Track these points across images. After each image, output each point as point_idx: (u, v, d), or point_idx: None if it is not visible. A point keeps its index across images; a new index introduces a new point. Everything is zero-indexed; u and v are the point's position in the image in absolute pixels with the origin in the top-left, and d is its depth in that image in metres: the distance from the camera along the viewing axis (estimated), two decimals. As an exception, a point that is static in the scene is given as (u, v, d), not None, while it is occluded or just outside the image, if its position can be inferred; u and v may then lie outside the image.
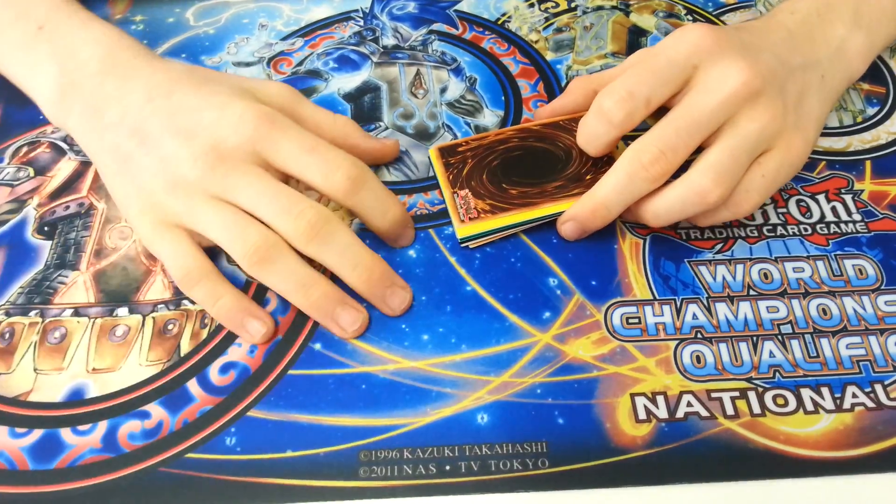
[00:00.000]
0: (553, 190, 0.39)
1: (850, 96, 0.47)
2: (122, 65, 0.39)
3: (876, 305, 0.36)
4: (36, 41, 0.41)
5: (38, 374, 0.35)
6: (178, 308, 0.37)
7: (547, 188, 0.39)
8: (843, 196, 0.41)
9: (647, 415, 0.33)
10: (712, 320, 0.36)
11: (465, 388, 0.34)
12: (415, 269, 0.38)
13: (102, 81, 0.39)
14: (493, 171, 0.40)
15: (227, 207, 0.35)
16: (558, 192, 0.39)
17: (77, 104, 0.39)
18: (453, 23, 0.51)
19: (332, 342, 0.36)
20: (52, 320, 0.37)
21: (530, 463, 0.32)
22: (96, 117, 0.38)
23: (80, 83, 0.39)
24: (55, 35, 0.40)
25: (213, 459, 0.32)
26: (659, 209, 0.36)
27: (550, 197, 0.39)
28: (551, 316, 0.36)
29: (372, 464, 0.32)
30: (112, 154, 0.38)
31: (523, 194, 0.39)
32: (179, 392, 0.34)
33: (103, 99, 0.38)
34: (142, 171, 0.36)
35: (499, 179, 0.40)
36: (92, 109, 0.38)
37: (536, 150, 0.41)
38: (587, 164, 0.40)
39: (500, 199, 0.39)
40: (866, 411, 0.33)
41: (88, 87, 0.39)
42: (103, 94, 0.38)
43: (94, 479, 0.32)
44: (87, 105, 0.39)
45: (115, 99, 0.38)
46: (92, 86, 0.39)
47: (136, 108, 0.37)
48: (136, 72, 0.39)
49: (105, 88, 0.38)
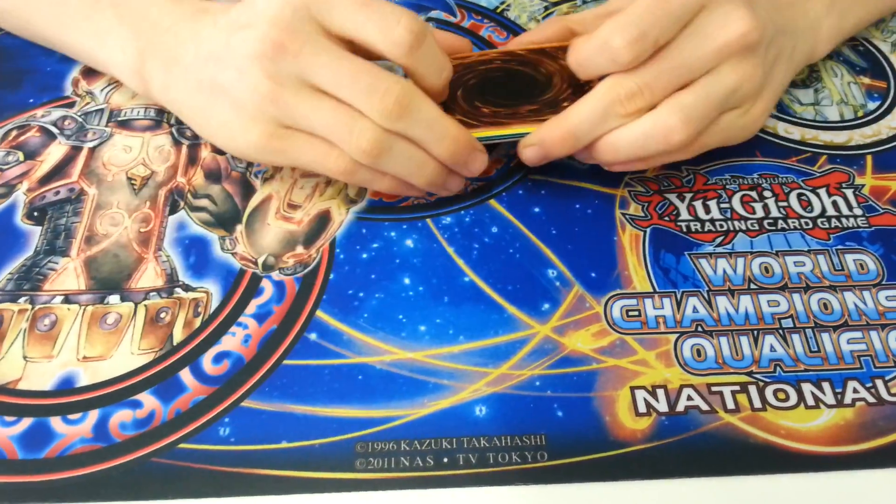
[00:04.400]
0: (525, 113, 0.38)
1: (851, 90, 0.46)
2: (192, 10, 0.39)
3: (877, 300, 0.36)
4: (98, 7, 0.40)
5: (28, 361, 0.34)
6: (171, 296, 0.36)
7: (520, 110, 0.38)
8: (844, 190, 0.41)
9: (646, 408, 0.33)
10: (713, 314, 0.36)
11: (462, 379, 0.34)
12: (412, 260, 0.38)
13: (177, 32, 0.38)
14: (469, 89, 0.39)
15: (323, 101, 0.34)
16: (531, 115, 0.38)
17: (157, 61, 0.39)
18: (451, 10, 0.51)
19: (328, 333, 0.35)
20: (42, 307, 0.36)
21: (529, 456, 0.32)
22: (176, 63, 0.38)
23: (156, 42, 0.39)
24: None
25: (207, 450, 0.32)
26: (620, 142, 0.36)
27: (521, 119, 0.38)
28: (550, 308, 0.36)
29: (368, 455, 0.32)
30: (197, 90, 0.37)
31: (495, 114, 0.38)
32: (172, 381, 0.34)
33: (180, 45, 0.38)
34: (228, 89, 0.36)
35: (473, 97, 0.39)
36: (171, 60, 0.38)
37: (517, 73, 0.40)
38: (566, 91, 0.39)
39: (471, 116, 0.38)
40: (867, 406, 0.33)
41: (165, 43, 0.39)
42: (179, 41, 0.38)
43: (85, 469, 0.31)
44: (166, 58, 0.38)
45: (189, 39, 0.38)
46: (167, 40, 0.38)
47: (207, 35, 0.37)
48: (205, 11, 0.38)
49: (181, 37, 0.38)
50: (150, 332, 0.35)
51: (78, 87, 0.46)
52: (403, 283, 0.37)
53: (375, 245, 0.38)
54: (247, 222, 0.39)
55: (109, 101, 0.45)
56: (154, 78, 0.39)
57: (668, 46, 0.34)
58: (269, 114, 0.35)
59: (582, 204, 0.40)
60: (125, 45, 0.40)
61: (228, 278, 0.37)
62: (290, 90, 0.34)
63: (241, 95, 0.35)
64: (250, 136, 0.36)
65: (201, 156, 0.42)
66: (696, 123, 0.35)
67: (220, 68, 0.35)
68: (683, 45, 0.34)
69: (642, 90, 0.34)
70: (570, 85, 0.39)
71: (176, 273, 0.37)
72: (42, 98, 0.45)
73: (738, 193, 0.41)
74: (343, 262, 0.38)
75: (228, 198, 0.40)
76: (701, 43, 0.34)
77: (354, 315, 0.36)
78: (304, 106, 0.34)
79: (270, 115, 0.35)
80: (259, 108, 0.35)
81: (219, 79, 0.36)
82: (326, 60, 0.34)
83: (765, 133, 0.44)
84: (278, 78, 0.34)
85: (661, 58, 0.34)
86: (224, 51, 0.35)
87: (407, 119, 0.34)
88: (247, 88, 0.35)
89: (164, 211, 0.40)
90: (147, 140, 0.43)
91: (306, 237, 0.39)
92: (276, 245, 0.38)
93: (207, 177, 0.41)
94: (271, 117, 0.35)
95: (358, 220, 0.39)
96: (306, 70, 0.34)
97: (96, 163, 0.42)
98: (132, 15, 0.39)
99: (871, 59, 0.48)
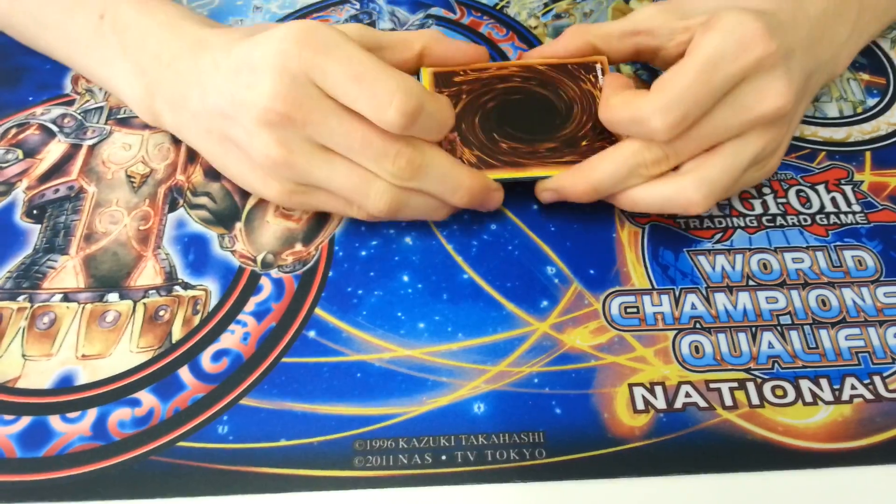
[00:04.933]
0: (545, 152, 0.38)
1: (850, 87, 0.46)
2: (190, 42, 0.38)
3: (875, 297, 0.36)
4: (101, 34, 0.40)
5: (27, 360, 0.34)
6: (170, 294, 0.37)
7: (539, 148, 0.38)
8: (842, 187, 0.41)
9: (645, 405, 0.33)
10: (711, 310, 0.36)
11: (461, 377, 0.34)
12: (411, 257, 0.38)
13: (178, 69, 0.37)
14: (488, 114, 0.39)
15: (336, 164, 0.34)
16: (550, 155, 0.38)
17: (164, 101, 0.38)
18: (451, 7, 0.51)
19: (327, 330, 0.35)
20: (41, 305, 0.36)
21: (527, 453, 0.32)
22: (183, 107, 0.37)
23: (159, 79, 0.38)
24: (118, 25, 0.39)
25: (205, 448, 0.32)
26: (639, 200, 0.36)
27: (541, 160, 0.37)
28: (549, 305, 0.36)
29: (367, 453, 0.32)
30: (210, 139, 0.37)
31: (513, 150, 0.38)
32: (171, 379, 0.34)
33: (184, 86, 0.37)
34: (240, 145, 0.35)
35: (491, 127, 0.38)
36: (178, 100, 0.38)
37: (537, 97, 0.39)
38: (586, 126, 0.38)
39: (489, 153, 0.38)
40: (865, 403, 0.33)
41: (168, 80, 0.38)
42: (182, 81, 0.37)
43: (84, 468, 0.31)
44: (172, 98, 0.38)
45: (193, 82, 0.37)
46: (170, 77, 0.38)
47: (211, 83, 0.35)
48: (203, 44, 0.37)
49: (182, 75, 0.37)
50: (149, 330, 0.35)
51: (77, 84, 0.46)
52: (402, 280, 0.37)
53: (374, 242, 0.38)
54: (246, 220, 0.39)
55: (109, 98, 0.45)
56: (164, 116, 0.39)
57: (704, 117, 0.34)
58: (286, 175, 0.35)
59: (580, 201, 0.40)
60: (131, 80, 0.39)
61: (227, 276, 0.37)
62: (302, 156, 0.34)
63: (254, 155, 0.35)
64: (270, 192, 0.36)
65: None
66: (718, 196, 0.35)
67: (229, 125, 0.35)
68: (718, 115, 0.34)
69: (669, 157, 0.34)
70: (591, 118, 0.39)
71: (175, 271, 0.37)
72: (41, 96, 0.45)
73: (737, 190, 0.40)
74: (342, 259, 0.38)
75: (228, 195, 0.40)
76: (735, 114, 0.34)
77: (353, 312, 0.36)
78: (318, 172, 0.34)
79: (287, 177, 0.35)
80: (274, 171, 0.35)
81: (229, 133, 0.35)
82: (335, 125, 0.33)
83: (764, 129, 0.44)
84: (289, 145, 0.33)
85: (695, 128, 0.34)
86: (230, 108, 0.34)
87: (420, 178, 0.35)
88: (259, 152, 0.34)
89: (164, 209, 0.40)
90: (146, 138, 0.43)
91: (305, 235, 0.39)
92: (275, 242, 0.39)
93: (207, 174, 0.41)
94: (288, 178, 0.35)
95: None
96: (315, 136, 0.33)
97: (96, 161, 0.42)
98: (133, 46, 0.39)
99: (871, 56, 0.48)
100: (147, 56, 0.38)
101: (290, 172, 0.34)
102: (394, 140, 0.34)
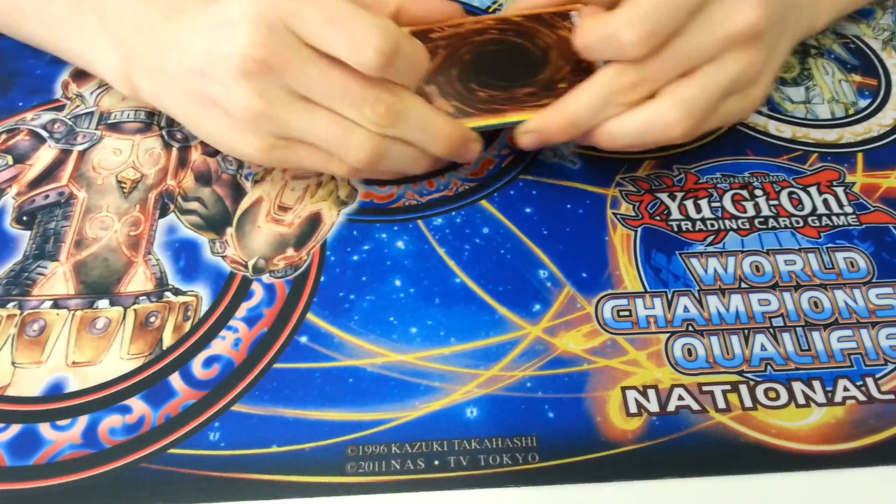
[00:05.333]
0: (523, 97, 0.37)
1: (841, 88, 0.46)
2: (167, 9, 0.38)
3: (867, 298, 0.36)
4: (79, 10, 0.40)
5: (16, 367, 0.34)
6: (161, 300, 0.36)
7: (517, 94, 0.38)
8: (834, 188, 0.41)
9: (637, 408, 0.33)
10: (703, 313, 0.36)
11: (453, 381, 0.34)
12: (403, 261, 0.38)
13: (156, 37, 0.37)
14: (465, 66, 0.38)
15: (316, 114, 0.34)
16: (528, 100, 0.37)
17: (142, 70, 0.38)
18: (442, 11, 0.51)
19: (319, 335, 0.35)
20: (31, 312, 0.36)
21: (520, 457, 0.31)
22: (161, 72, 0.37)
23: (137, 48, 0.38)
24: (97, 1, 0.39)
25: (197, 455, 0.32)
26: (618, 131, 0.35)
27: (518, 105, 0.37)
28: (541, 308, 0.36)
29: (359, 459, 0.31)
30: (188, 101, 0.37)
31: (491, 98, 0.37)
32: (162, 386, 0.34)
33: (161, 51, 0.37)
34: (218, 103, 0.35)
35: (468, 77, 0.38)
36: (156, 67, 0.38)
37: (513, 47, 0.39)
38: (564, 68, 0.38)
39: (467, 102, 0.37)
40: (858, 405, 0.33)
41: (146, 48, 0.38)
42: (159, 47, 0.37)
43: (74, 476, 0.31)
44: (149, 65, 0.38)
45: (170, 46, 0.37)
46: (148, 45, 0.38)
47: (188, 44, 0.36)
48: (180, 10, 0.37)
49: (159, 42, 0.37)
50: (140, 336, 0.35)
51: (68, 89, 0.46)
52: (394, 284, 0.37)
53: (366, 247, 0.38)
54: (237, 225, 0.39)
55: (99, 103, 0.45)
56: (142, 85, 0.39)
57: (676, 36, 0.34)
58: (265, 129, 0.35)
59: (573, 204, 0.40)
60: (109, 53, 0.39)
61: (218, 281, 0.37)
62: (282, 106, 0.34)
63: (233, 110, 0.35)
64: (249, 148, 0.36)
65: (191, 158, 0.42)
66: (697, 117, 0.35)
67: (206, 82, 0.35)
68: (691, 34, 0.34)
69: (645, 80, 0.34)
70: (568, 61, 0.38)
71: (166, 277, 0.37)
72: (32, 101, 0.45)
73: (729, 192, 0.41)
74: (334, 264, 0.38)
75: (219, 200, 0.40)
76: (708, 33, 0.34)
77: (345, 317, 0.36)
78: (298, 122, 0.34)
79: (266, 130, 0.35)
80: (254, 124, 0.35)
81: (207, 92, 0.35)
82: (314, 73, 0.33)
83: (755, 132, 0.44)
84: (268, 95, 0.34)
85: (668, 48, 0.34)
86: (207, 65, 0.34)
87: (400, 125, 0.35)
88: (237, 105, 0.34)
89: (154, 214, 0.40)
90: (137, 143, 0.43)
91: (297, 239, 0.39)
92: (266, 248, 0.38)
93: (198, 179, 0.41)
94: (268, 132, 0.35)
95: (349, 221, 0.39)
96: (294, 84, 0.34)
97: (86, 166, 0.42)
98: (112, 19, 0.39)
99: (862, 57, 0.48)
100: (125, 28, 0.39)
101: (269, 125, 0.34)
102: (372, 86, 0.34)
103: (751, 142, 0.43)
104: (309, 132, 0.35)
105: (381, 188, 0.41)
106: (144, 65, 0.38)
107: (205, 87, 0.35)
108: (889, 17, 0.51)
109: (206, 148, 0.43)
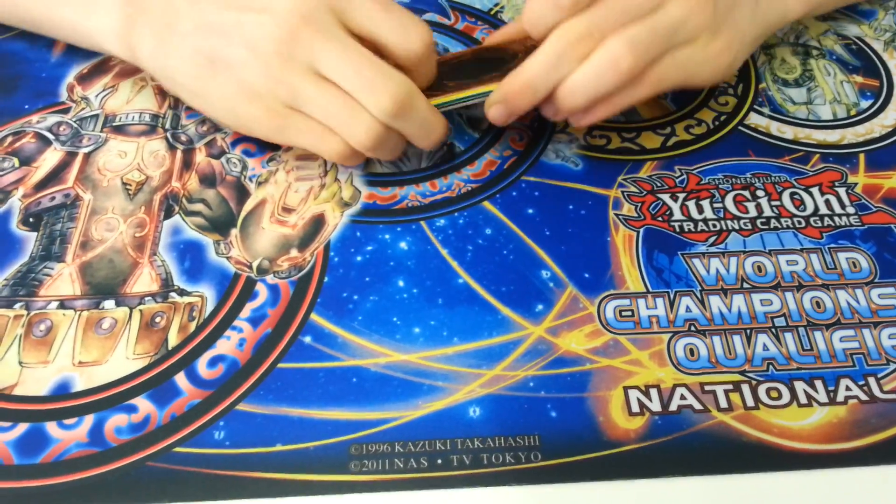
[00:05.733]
0: (487, 79, 0.39)
1: (843, 89, 0.47)
2: None
3: (869, 298, 0.36)
4: None
5: (24, 367, 0.34)
6: (166, 301, 0.37)
7: (483, 78, 0.39)
8: (836, 189, 0.41)
9: (640, 408, 0.33)
10: (706, 313, 0.36)
11: (456, 381, 0.34)
12: (406, 262, 0.38)
13: (172, 1, 0.38)
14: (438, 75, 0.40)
15: (327, 88, 0.35)
16: (493, 79, 0.39)
17: (147, 28, 0.39)
18: (445, 12, 0.51)
19: (323, 336, 0.35)
20: (38, 313, 0.36)
21: (523, 456, 0.32)
22: (169, 31, 0.38)
23: (148, 8, 0.39)
24: None
25: (202, 454, 0.32)
26: (575, 84, 0.36)
27: (483, 83, 0.39)
28: (544, 309, 0.36)
29: (363, 458, 0.32)
30: (195, 61, 0.37)
31: (460, 85, 0.39)
32: (167, 386, 0.34)
33: (174, 10, 0.38)
34: (233, 65, 0.36)
35: (441, 78, 0.40)
36: (164, 27, 0.38)
37: (485, 56, 0.41)
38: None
39: (437, 89, 0.39)
40: (860, 404, 0.33)
41: (158, 9, 0.38)
42: (173, 10, 0.38)
43: (81, 474, 0.31)
44: (158, 25, 0.38)
45: (187, 11, 0.37)
46: (161, 6, 0.38)
47: (212, 11, 0.37)
48: None
49: (176, 6, 0.38)
50: (145, 336, 0.35)
51: (73, 92, 0.46)
52: (398, 285, 0.37)
53: (370, 248, 0.39)
54: (241, 226, 0.40)
55: (104, 106, 0.45)
56: (142, 44, 0.39)
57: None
58: (274, 93, 0.36)
59: (575, 205, 0.40)
60: (111, 12, 0.40)
61: (223, 282, 0.37)
62: (297, 74, 0.35)
63: (248, 74, 0.36)
64: (253, 111, 0.37)
65: (196, 160, 0.43)
66: (643, 49, 0.35)
67: (226, 43, 0.36)
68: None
69: (591, 31, 0.35)
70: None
71: (171, 278, 0.37)
72: (37, 104, 0.45)
73: (731, 193, 0.41)
74: (337, 264, 0.38)
75: (223, 202, 0.41)
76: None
77: (349, 318, 0.36)
78: (308, 90, 0.36)
79: (275, 95, 0.36)
80: (266, 87, 0.36)
81: (223, 53, 0.36)
82: (335, 48, 0.35)
83: (757, 132, 0.44)
84: (290, 62, 0.35)
85: (607, 1, 0.35)
86: (234, 28, 0.36)
87: (403, 119, 0.36)
88: (257, 68, 0.35)
89: (159, 216, 0.40)
90: (142, 145, 0.43)
91: (301, 241, 0.39)
92: (270, 249, 0.39)
93: (202, 181, 0.41)
94: (275, 96, 0.36)
95: (352, 223, 0.40)
96: (315, 56, 0.35)
97: (91, 168, 0.42)
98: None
99: (864, 58, 0.48)
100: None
101: (281, 89, 0.36)
102: (387, 73, 0.35)
103: (753, 143, 0.43)
104: (317, 104, 0.36)
105: (384, 189, 0.41)
106: (151, 23, 0.39)
107: (222, 49, 0.36)
108: (890, 18, 0.51)
109: (211, 150, 0.43)
